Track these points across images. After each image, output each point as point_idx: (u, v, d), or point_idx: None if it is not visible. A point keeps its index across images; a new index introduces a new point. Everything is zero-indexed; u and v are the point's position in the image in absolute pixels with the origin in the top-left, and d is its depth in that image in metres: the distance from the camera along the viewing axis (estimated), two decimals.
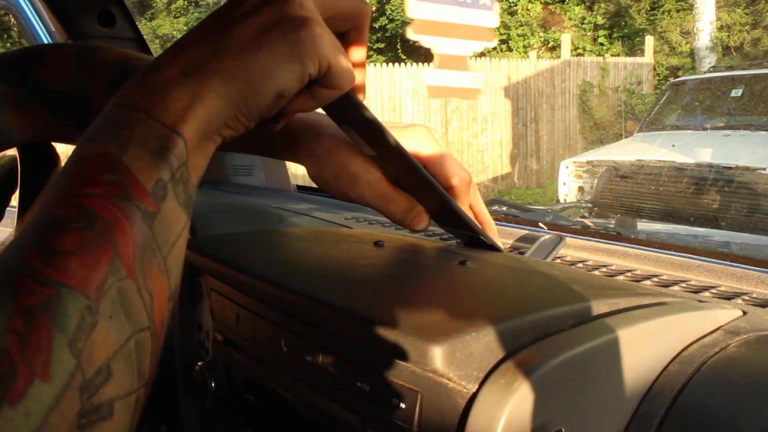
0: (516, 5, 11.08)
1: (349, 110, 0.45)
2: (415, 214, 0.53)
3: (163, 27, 13.09)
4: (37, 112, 0.58)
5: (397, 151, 0.47)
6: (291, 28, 0.36)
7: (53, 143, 0.72)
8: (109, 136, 0.32)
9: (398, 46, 11.96)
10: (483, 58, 8.20)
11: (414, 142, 0.53)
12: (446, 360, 0.34)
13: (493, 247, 0.57)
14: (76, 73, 0.57)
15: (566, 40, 9.01)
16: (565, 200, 4.66)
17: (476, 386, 0.33)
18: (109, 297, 0.28)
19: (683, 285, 0.58)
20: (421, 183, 0.50)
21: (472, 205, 0.56)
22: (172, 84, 0.34)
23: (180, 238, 0.33)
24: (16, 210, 0.71)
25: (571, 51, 9.24)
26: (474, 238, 0.57)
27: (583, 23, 11.05)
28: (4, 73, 0.57)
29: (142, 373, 0.29)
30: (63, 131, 0.61)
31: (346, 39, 0.42)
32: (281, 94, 0.37)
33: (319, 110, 0.51)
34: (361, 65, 0.43)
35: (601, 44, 10.89)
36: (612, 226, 2.31)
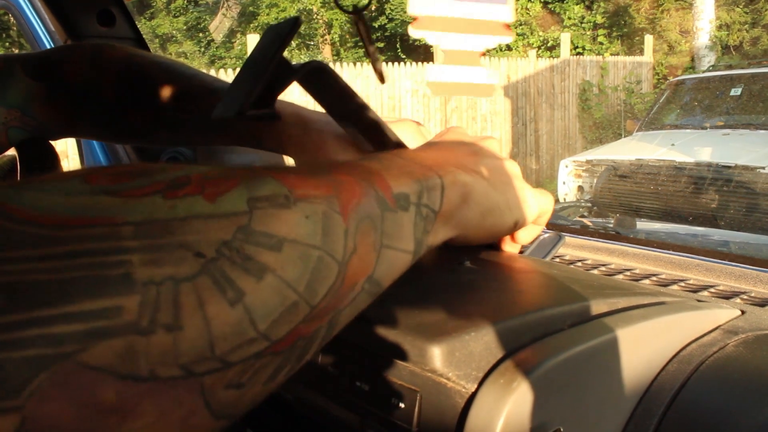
0: (515, 4, 11.07)
1: (351, 110, 0.45)
2: None
3: (162, 26, 13.09)
4: (58, 106, 0.61)
5: (397, 147, 0.48)
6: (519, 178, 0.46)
7: (52, 143, 0.72)
8: (376, 161, 0.36)
9: (398, 46, 11.96)
10: (482, 57, 8.19)
11: (402, 136, 0.54)
12: (445, 360, 0.34)
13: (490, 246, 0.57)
14: (89, 69, 0.60)
15: (565, 39, 9.01)
16: (564, 199, 4.66)
17: (475, 386, 0.33)
18: (313, 206, 0.28)
19: (682, 284, 0.58)
20: None
21: None
22: (444, 165, 0.39)
23: (403, 256, 0.34)
24: None
25: (571, 50, 9.25)
26: None
27: (582, 22, 11.05)
28: (31, 69, 0.62)
29: (313, 291, 0.27)
30: (80, 125, 0.65)
31: None
32: (518, 223, 0.46)
33: (317, 108, 0.52)
34: None
35: (601, 43, 10.90)
36: (611, 225, 2.31)
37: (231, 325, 0.24)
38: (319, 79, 0.43)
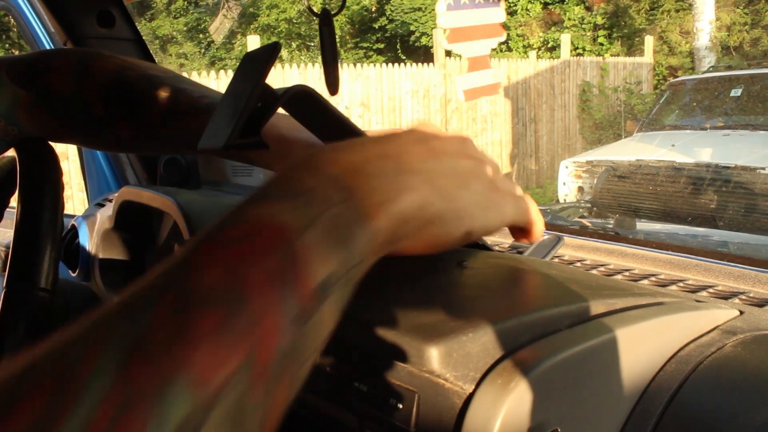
0: (516, 5, 11.08)
1: (338, 129, 0.46)
2: None
3: (162, 27, 13.08)
4: (44, 114, 0.60)
5: None
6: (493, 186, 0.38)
7: (52, 144, 0.72)
8: (293, 204, 0.29)
9: (398, 47, 11.95)
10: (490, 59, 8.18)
11: None
12: (443, 361, 0.34)
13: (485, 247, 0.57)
14: (77, 79, 0.59)
15: (566, 40, 9.01)
16: (564, 200, 4.66)
17: (473, 386, 0.33)
18: (225, 406, 0.24)
19: (681, 284, 0.58)
20: None
21: None
22: (382, 177, 0.33)
23: (322, 344, 0.30)
24: (16, 211, 0.71)
25: (571, 51, 9.24)
26: None
27: (582, 23, 11.05)
28: (17, 75, 0.59)
29: None
30: (66, 134, 0.64)
31: None
32: (470, 232, 0.36)
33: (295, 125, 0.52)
34: None
35: (601, 44, 10.90)
36: (611, 225, 2.31)
37: None
38: (304, 103, 0.43)
